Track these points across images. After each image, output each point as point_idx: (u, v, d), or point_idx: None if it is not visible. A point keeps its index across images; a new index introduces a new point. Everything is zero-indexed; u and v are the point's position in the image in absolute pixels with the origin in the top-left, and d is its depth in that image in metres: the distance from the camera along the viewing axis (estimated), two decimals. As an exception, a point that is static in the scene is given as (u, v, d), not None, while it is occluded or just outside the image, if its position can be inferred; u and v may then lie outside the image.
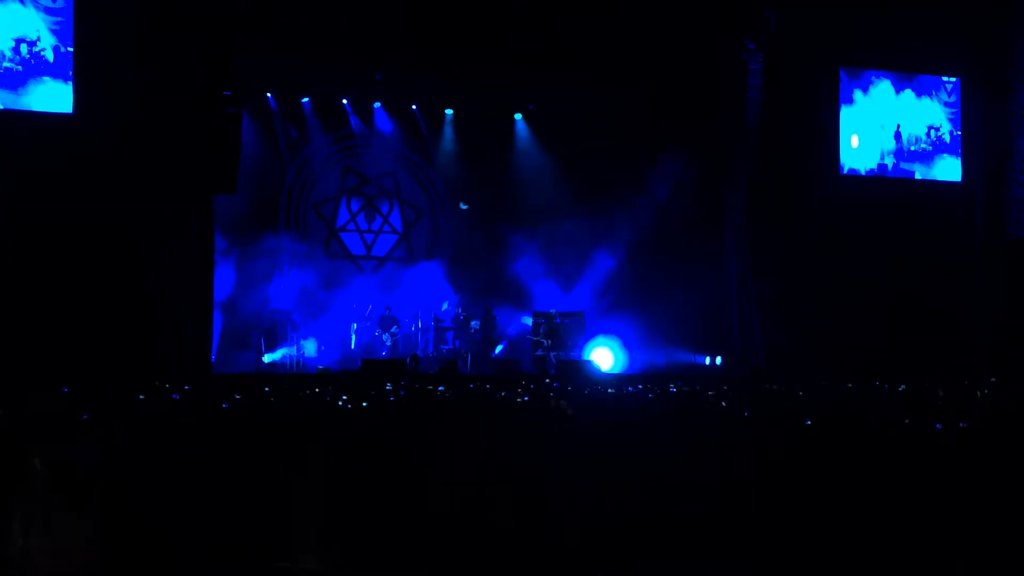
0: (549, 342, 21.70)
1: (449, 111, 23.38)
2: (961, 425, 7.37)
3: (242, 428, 7.25)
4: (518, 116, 23.74)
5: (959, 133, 23.05)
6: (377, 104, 22.96)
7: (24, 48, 16.97)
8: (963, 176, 23.02)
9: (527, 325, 22.62)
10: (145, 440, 6.42)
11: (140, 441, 6.38)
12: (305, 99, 22.42)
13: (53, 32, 17.04)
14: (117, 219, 16.88)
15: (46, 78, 17.01)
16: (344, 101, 22.77)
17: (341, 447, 5.78)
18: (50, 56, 17.01)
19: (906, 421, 7.82)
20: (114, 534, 4.64)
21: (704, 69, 21.27)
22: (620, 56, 20.59)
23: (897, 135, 22.72)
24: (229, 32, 17.53)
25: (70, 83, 17.06)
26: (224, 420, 7.96)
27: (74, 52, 17.04)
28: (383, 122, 23.18)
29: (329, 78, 21.90)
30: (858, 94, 22.44)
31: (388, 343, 21.62)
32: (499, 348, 22.43)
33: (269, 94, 21.95)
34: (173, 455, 5.92)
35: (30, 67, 16.96)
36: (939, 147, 22.98)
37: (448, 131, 23.55)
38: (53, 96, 17.03)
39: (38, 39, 17.01)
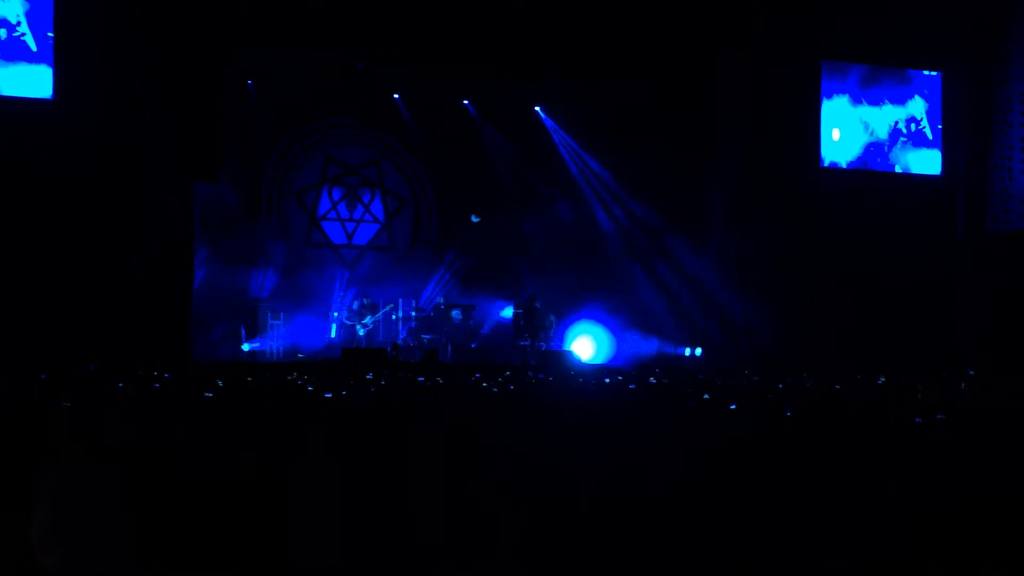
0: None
1: (433, 99, 23.30)
2: (939, 417, 7.42)
3: (222, 418, 7.23)
4: (503, 106, 23.69)
5: (940, 127, 23.15)
6: (360, 93, 22.87)
7: (3, 32, 16.84)
8: (943, 170, 23.13)
9: (507, 318, 22.65)
10: (124, 429, 6.40)
11: (120, 430, 6.36)
12: (288, 86, 22.30)
13: (34, 17, 16.91)
14: (96, 206, 16.80)
15: (24, 63, 16.88)
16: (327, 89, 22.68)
17: (327, 440, 5.79)
18: (31, 41, 16.89)
19: (885, 413, 7.87)
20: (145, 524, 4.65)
21: (686, 62, 21.29)
22: (600, 50, 20.59)
23: (877, 129, 22.80)
24: (211, 20, 17.44)
25: (51, 68, 16.94)
26: (204, 409, 7.93)
27: (54, 37, 16.92)
28: (366, 111, 23.09)
29: (312, 66, 21.81)
30: (839, 87, 22.51)
31: (362, 332, 21.50)
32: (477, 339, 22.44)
33: (250, 81, 21.84)
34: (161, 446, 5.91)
35: (9, 52, 16.84)
36: (919, 141, 23.08)
37: (432, 119, 23.48)
38: (33, 81, 16.91)
39: (18, 23, 16.88)
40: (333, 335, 21.77)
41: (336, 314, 22.03)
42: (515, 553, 4.53)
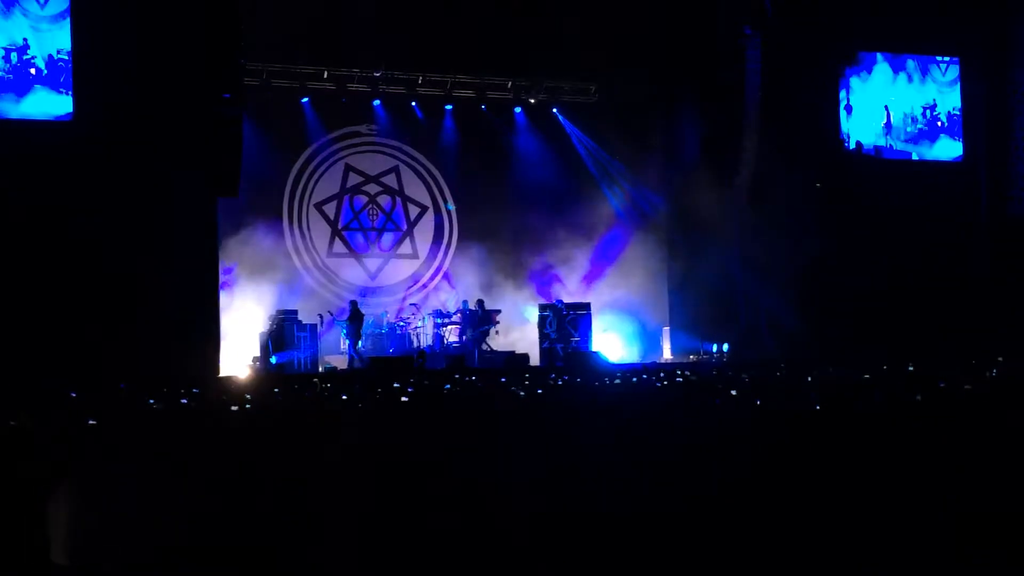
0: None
1: (449, 106, 23.34)
2: (970, 403, 7.37)
3: (252, 429, 7.27)
4: (518, 109, 23.71)
5: (955, 113, 23.04)
6: (376, 101, 22.93)
7: (14, 56, 16.95)
8: (964, 155, 23.02)
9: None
10: (152, 443, 6.45)
11: (147, 444, 6.41)
12: (305, 99, 22.39)
13: (43, 40, 17.01)
14: (120, 224, 16.87)
15: (37, 85, 16.99)
16: (344, 100, 22.75)
17: (349, 448, 5.81)
18: (41, 64, 16.99)
19: (916, 398, 7.83)
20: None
21: (704, 55, 21.26)
22: (620, 44, 20.57)
23: (893, 115, 22.71)
24: (228, 35, 17.50)
25: (63, 90, 17.02)
26: (233, 421, 7.99)
27: (72, 58, 17.02)
28: (383, 119, 23.14)
29: (328, 77, 21.92)
30: (855, 75, 22.43)
31: (349, 341, 21.05)
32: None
33: (269, 95, 21.91)
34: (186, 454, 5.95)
35: (21, 75, 16.93)
36: (935, 127, 22.96)
37: (448, 126, 23.52)
38: (48, 103, 17.01)
39: (27, 47, 16.98)
40: (360, 344, 21.76)
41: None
42: (540, 556, 4.54)
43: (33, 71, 16.98)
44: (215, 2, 17.37)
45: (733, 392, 9.14)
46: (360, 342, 20.83)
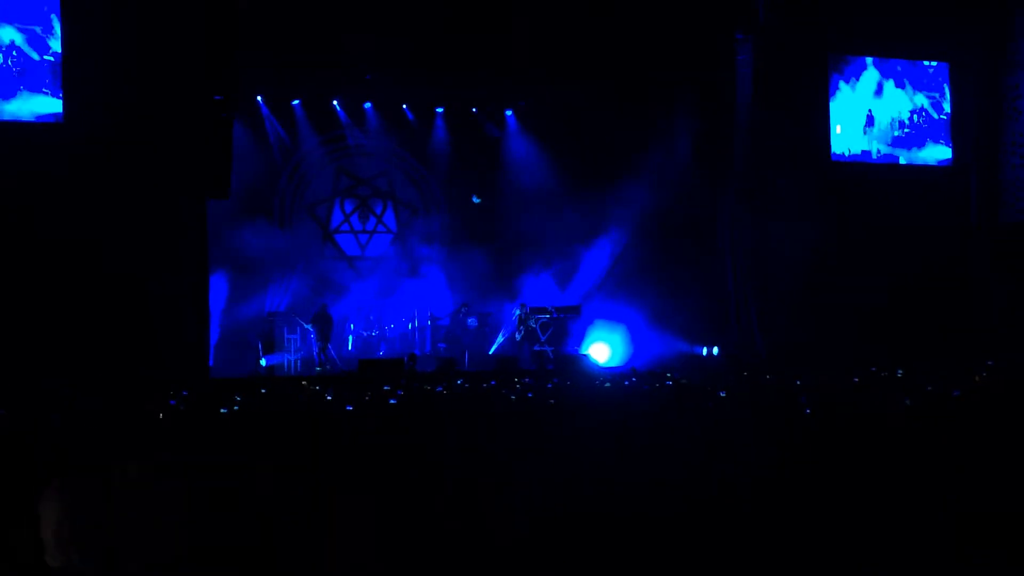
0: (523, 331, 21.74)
1: (440, 108, 23.35)
2: (960, 407, 7.38)
3: (242, 432, 7.26)
4: (509, 112, 23.72)
5: (943, 118, 23.15)
6: (368, 104, 22.92)
7: (0, 57, 16.90)
8: (953, 160, 23.12)
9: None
10: (145, 445, 6.44)
11: (141, 445, 6.40)
12: (296, 101, 22.39)
13: (31, 41, 16.96)
14: (110, 226, 16.81)
15: (23, 88, 16.92)
16: (335, 102, 22.74)
17: (342, 449, 5.81)
18: (29, 65, 16.93)
19: (906, 402, 7.85)
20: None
21: (694, 60, 21.27)
22: (611, 49, 20.57)
23: (881, 120, 22.78)
24: (220, 37, 17.46)
25: (51, 91, 16.96)
26: (223, 424, 7.97)
27: (62, 59, 16.96)
28: (374, 122, 23.14)
29: (319, 80, 21.89)
30: (844, 81, 22.50)
31: (315, 345, 20.94)
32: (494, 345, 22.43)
33: (259, 97, 21.90)
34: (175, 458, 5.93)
35: (8, 76, 16.87)
36: (923, 132, 23.06)
37: (439, 128, 23.52)
38: (36, 104, 16.95)
39: (14, 48, 16.92)
40: (350, 347, 21.77)
41: (352, 326, 22.04)
42: (539, 557, 4.53)
43: (21, 72, 16.93)
44: (211, 3, 17.33)
45: (722, 394, 9.16)
46: (329, 345, 20.70)
